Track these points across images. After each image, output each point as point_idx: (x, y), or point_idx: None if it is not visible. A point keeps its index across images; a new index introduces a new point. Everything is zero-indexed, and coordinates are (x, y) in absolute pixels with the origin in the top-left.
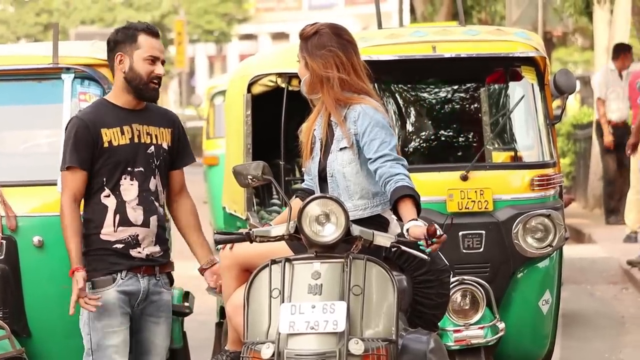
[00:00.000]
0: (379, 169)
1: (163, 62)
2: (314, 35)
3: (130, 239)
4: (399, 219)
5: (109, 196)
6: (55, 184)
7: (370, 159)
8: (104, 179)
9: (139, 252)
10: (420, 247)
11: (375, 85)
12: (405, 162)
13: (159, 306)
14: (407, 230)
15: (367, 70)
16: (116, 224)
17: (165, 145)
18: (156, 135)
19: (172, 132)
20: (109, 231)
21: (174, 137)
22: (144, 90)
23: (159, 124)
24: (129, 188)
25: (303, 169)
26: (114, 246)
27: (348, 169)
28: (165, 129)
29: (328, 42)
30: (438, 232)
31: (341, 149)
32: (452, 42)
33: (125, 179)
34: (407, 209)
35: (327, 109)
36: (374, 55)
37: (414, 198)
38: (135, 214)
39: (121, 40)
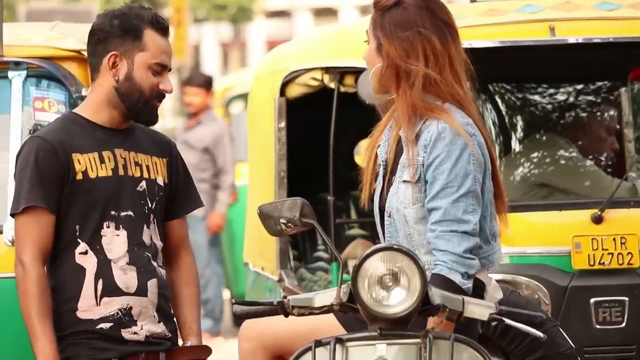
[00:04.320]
0: (428, 232)
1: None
2: (395, 6)
3: (120, 313)
4: None
5: (85, 253)
6: None
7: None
8: (77, 227)
9: (135, 334)
10: None
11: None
12: (469, 228)
13: None
14: None
15: (468, 67)
16: (99, 295)
17: (160, 181)
18: (148, 167)
19: (168, 163)
20: (88, 305)
21: (171, 171)
22: (143, 110)
23: (150, 151)
24: (114, 241)
25: (363, 207)
26: (99, 326)
27: (411, 210)
28: (159, 158)
29: (418, 20)
30: None
31: (404, 181)
32: (578, 21)
33: (108, 227)
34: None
35: (398, 119)
36: (465, 40)
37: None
38: (125, 277)
39: (118, 33)
